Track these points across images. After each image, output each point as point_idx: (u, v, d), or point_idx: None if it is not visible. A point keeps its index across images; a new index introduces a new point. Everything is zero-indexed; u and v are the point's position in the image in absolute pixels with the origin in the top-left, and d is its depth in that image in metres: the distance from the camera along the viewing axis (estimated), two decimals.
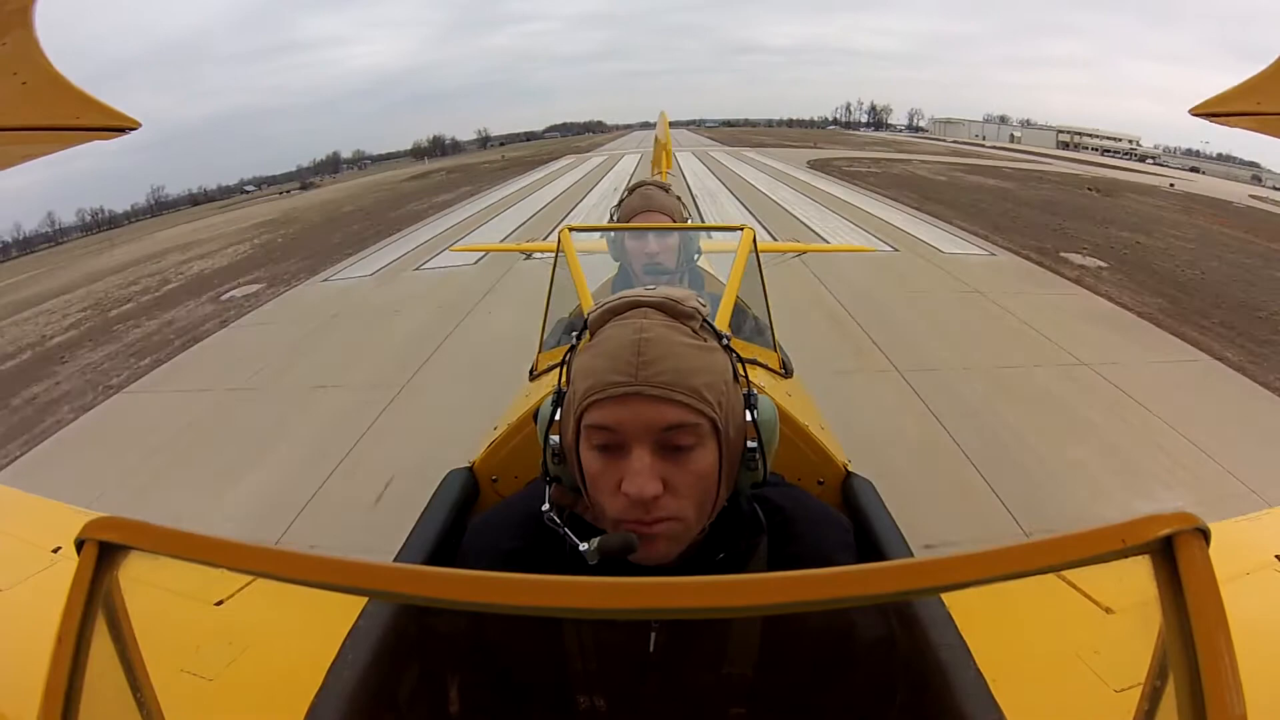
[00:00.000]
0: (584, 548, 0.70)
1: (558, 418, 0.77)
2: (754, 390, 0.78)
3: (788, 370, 1.60)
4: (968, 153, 41.56)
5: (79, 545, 0.47)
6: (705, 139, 62.87)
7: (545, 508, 0.78)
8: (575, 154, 41.16)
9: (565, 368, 0.79)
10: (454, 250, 8.22)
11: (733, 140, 57.59)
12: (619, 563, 0.70)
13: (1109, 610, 0.94)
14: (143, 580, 0.49)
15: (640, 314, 0.73)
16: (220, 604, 0.98)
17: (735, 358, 0.77)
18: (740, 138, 64.84)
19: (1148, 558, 0.41)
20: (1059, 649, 0.91)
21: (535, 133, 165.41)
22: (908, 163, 28.65)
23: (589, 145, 59.91)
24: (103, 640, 0.47)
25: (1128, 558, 0.40)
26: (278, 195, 47.00)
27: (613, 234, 2.07)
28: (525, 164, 34.06)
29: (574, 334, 0.82)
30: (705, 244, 2.39)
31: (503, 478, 1.25)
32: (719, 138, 65.47)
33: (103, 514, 0.52)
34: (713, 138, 67.57)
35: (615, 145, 55.04)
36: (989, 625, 0.81)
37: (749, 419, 0.75)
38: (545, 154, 44.92)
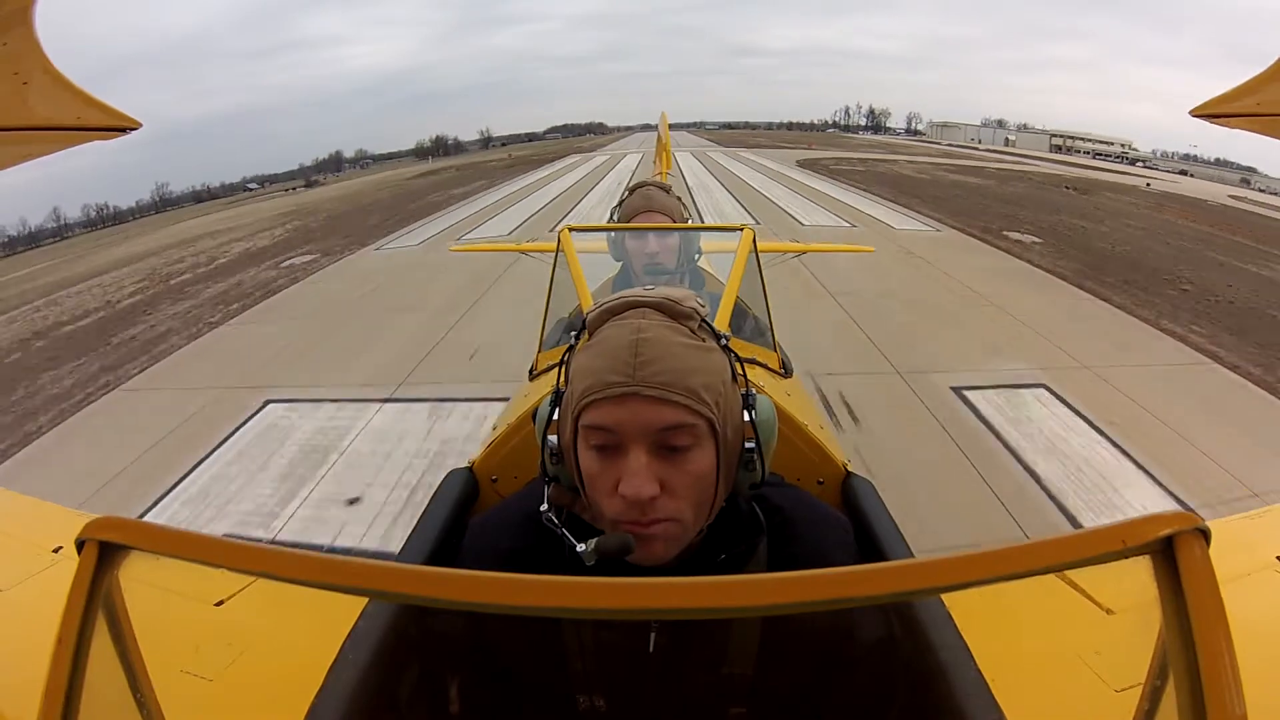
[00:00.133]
0: (581, 549, 0.69)
1: (556, 418, 0.77)
2: (752, 390, 0.77)
3: (787, 370, 1.60)
4: (958, 155, 42.22)
5: (79, 545, 0.48)
6: (705, 141, 63.81)
7: (543, 508, 0.77)
8: (579, 153, 42.45)
9: (564, 368, 0.78)
10: (453, 250, 8.30)
11: (730, 142, 58.51)
12: (617, 563, 0.69)
13: (1109, 611, 0.94)
14: (143, 580, 0.49)
15: (638, 314, 0.73)
16: (220, 604, 0.98)
17: (734, 358, 0.77)
18: (738, 140, 65.54)
19: (1148, 558, 0.41)
20: (1059, 649, 0.91)
21: (536, 134, 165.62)
22: (894, 163, 29.44)
23: (591, 145, 62.09)
24: (103, 640, 0.47)
25: (1128, 558, 0.40)
26: (282, 192, 46.99)
27: (613, 234, 2.07)
28: (531, 162, 35.23)
29: (573, 334, 0.81)
30: (705, 244, 2.39)
31: (502, 478, 1.25)
32: (718, 140, 66.04)
33: (102, 515, 0.52)
34: (711, 139, 68.10)
35: (617, 146, 56.70)
36: (989, 626, 0.80)
37: (747, 419, 0.75)
38: (550, 153, 45.75)
